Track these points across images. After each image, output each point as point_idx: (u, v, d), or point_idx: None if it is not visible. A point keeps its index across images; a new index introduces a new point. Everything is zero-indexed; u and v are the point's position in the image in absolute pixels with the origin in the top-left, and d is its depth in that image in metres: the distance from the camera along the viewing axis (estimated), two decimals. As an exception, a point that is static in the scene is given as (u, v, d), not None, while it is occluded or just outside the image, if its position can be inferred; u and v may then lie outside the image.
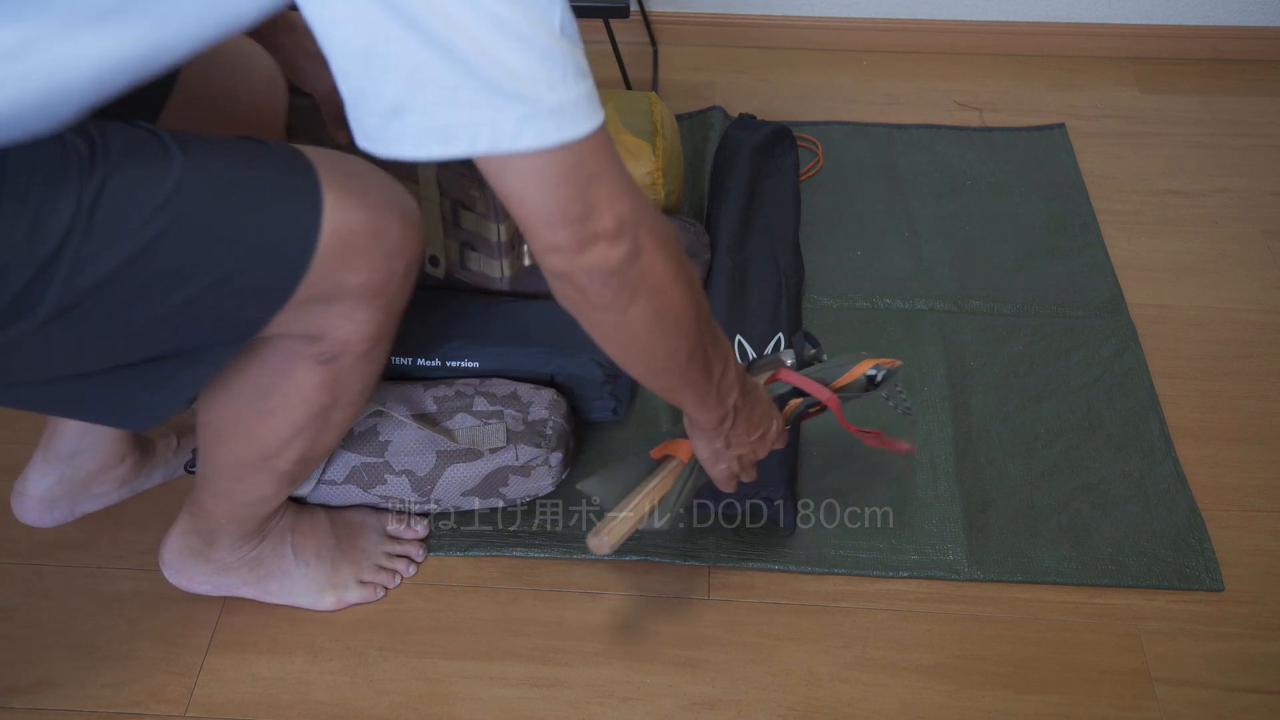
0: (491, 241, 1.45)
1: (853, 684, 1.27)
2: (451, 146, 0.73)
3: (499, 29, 0.70)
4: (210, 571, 1.27)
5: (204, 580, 1.28)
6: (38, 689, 1.25)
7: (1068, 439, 1.51)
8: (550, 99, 0.72)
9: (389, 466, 1.33)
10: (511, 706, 1.24)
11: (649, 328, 0.88)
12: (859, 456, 1.49)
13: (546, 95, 0.72)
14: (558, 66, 0.72)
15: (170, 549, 1.27)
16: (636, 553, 1.37)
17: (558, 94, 0.72)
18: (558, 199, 0.76)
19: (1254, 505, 1.45)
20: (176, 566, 1.28)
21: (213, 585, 1.29)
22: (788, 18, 2.27)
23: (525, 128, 0.72)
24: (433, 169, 1.42)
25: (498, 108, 0.71)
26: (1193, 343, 1.66)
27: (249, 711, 1.24)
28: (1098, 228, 1.84)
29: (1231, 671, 1.28)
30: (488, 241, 1.45)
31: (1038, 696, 1.25)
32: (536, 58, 0.71)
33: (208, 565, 1.27)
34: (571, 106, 0.73)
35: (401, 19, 0.70)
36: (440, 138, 0.73)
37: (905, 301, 1.70)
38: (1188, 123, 2.09)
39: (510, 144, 0.73)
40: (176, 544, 1.27)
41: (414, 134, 0.73)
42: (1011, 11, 2.25)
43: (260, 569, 1.28)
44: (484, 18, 0.70)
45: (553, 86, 0.72)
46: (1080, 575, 1.36)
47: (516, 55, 0.71)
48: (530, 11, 0.71)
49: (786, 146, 1.92)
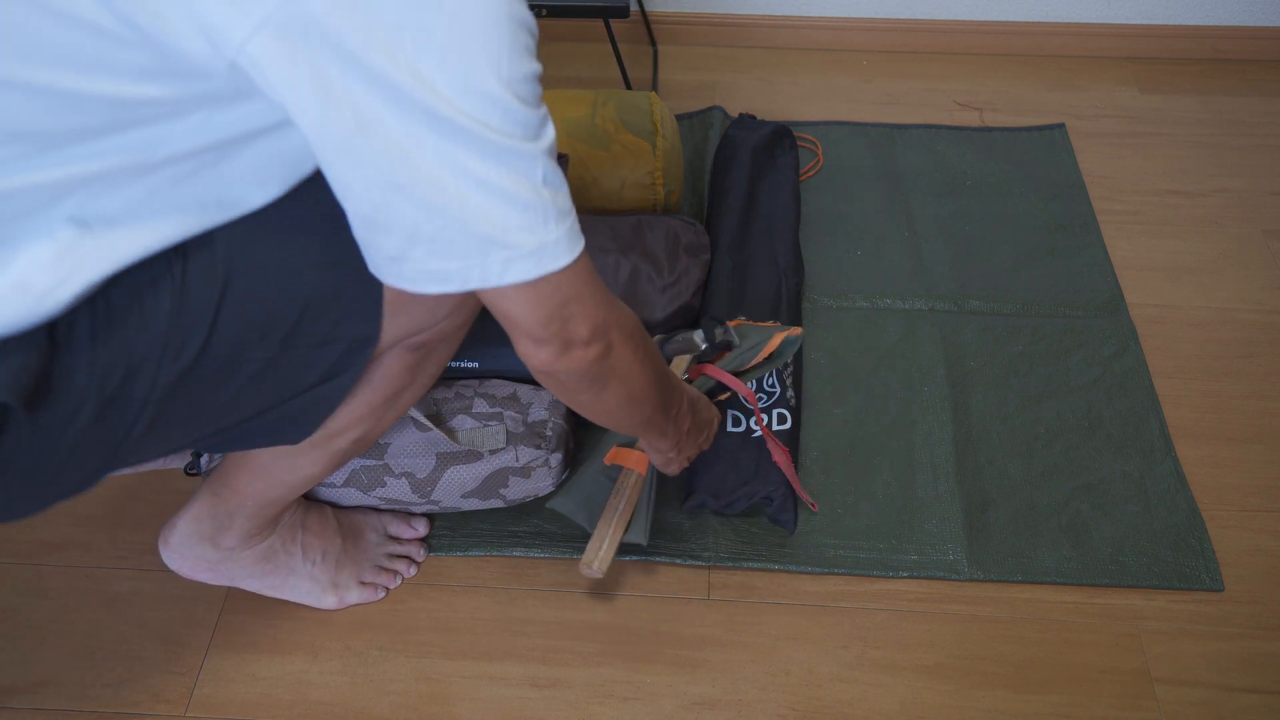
0: None
1: (853, 684, 1.27)
2: (447, 285, 0.85)
3: (485, 191, 0.81)
4: (217, 560, 1.26)
5: (207, 569, 1.26)
6: (38, 689, 1.25)
7: (1068, 439, 1.51)
8: (530, 243, 0.84)
9: (389, 469, 1.33)
10: (511, 706, 1.24)
11: (619, 404, 1.05)
12: (859, 456, 1.49)
13: (527, 240, 0.84)
14: (538, 215, 0.83)
15: (178, 532, 1.24)
16: (636, 553, 1.37)
17: (538, 237, 0.84)
18: (539, 318, 0.90)
19: (1254, 505, 1.45)
20: (181, 551, 1.25)
21: (215, 574, 1.27)
22: (788, 18, 2.27)
23: (510, 268, 0.84)
24: None
25: (485, 254, 0.83)
26: (1193, 343, 1.66)
27: (249, 711, 1.24)
28: (1098, 228, 1.84)
29: (1231, 671, 1.28)
30: None
31: (1038, 696, 1.25)
32: (519, 211, 0.82)
33: (216, 552, 1.25)
34: (551, 246, 0.85)
35: (399, 190, 0.80)
36: (437, 280, 0.85)
37: (905, 301, 1.70)
38: (1188, 123, 2.09)
39: (497, 281, 0.85)
40: (186, 527, 1.24)
41: (413, 275, 0.86)
42: (1011, 11, 2.25)
43: (269, 563, 1.28)
44: (471, 183, 0.80)
45: (533, 232, 0.84)
46: (1080, 575, 1.36)
47: (501, 211, 0.82)
48: (514, 173, 0.81)
49: (786, 146, 1.92)
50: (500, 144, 0.80)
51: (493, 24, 0.77)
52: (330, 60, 0.74)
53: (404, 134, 0.77)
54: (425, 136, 0.78)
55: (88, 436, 0.90)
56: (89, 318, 0.88)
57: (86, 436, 0.90)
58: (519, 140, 0.81)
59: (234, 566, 1.27)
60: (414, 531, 1.37)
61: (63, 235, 0.83)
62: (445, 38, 0.76)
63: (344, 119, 0.77)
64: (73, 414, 0.88)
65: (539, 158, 0.83)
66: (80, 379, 0.88)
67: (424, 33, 0.75)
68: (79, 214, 0.83)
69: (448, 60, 0.76)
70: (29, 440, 0.87)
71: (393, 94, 0.76)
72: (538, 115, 0.83)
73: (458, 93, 0.77)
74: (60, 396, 0.87)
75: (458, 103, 0.77)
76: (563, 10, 1.87)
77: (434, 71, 0.76)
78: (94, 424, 0.90)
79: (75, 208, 0.83)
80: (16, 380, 0.84)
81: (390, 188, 0.80)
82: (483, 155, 0.80)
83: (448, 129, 0.78)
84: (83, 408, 0.89)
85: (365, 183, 0.81)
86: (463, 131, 0.78)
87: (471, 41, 0.77)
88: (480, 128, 0.78)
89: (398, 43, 0.74)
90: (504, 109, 0.79)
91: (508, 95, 0.79)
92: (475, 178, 0.80)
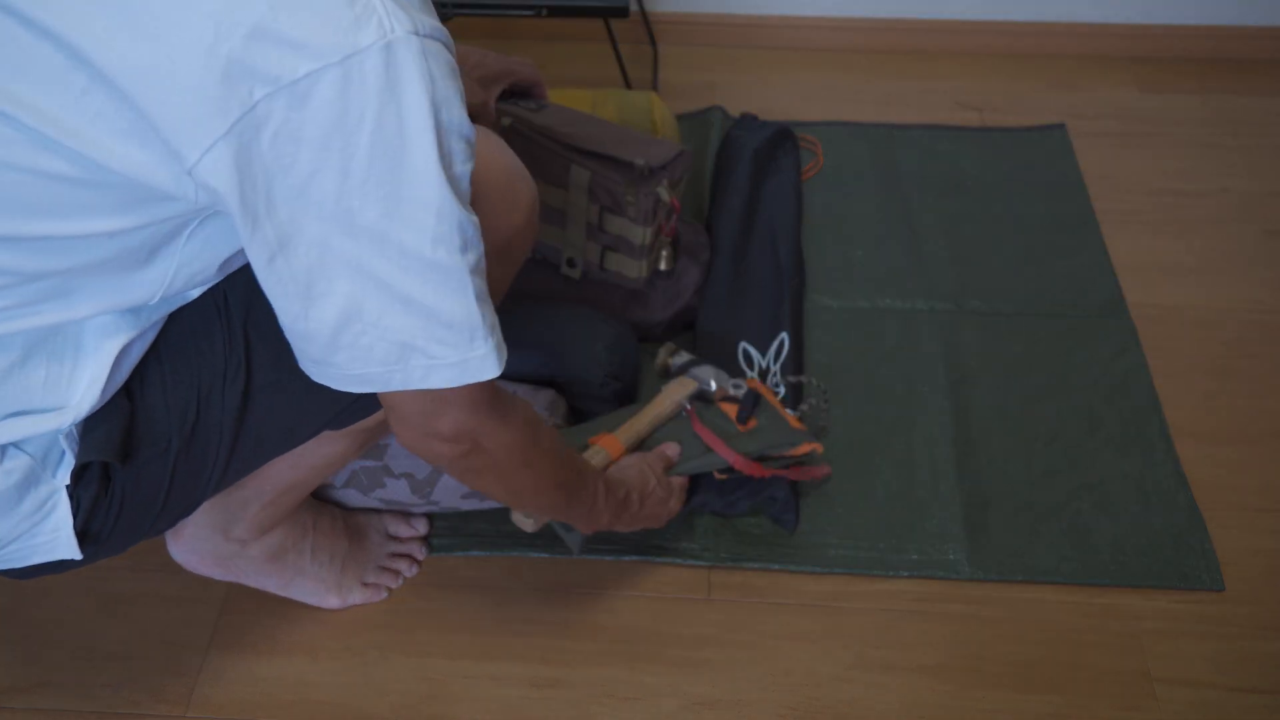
0: (635, 244, 1.54)
1: (853, 684, 1.26)
2: (369, 387, 0.86)
3: (407, 306, 0.82)
4: (227, 555, 1.25)
5: (215, 564, 1.26)
6: (38, 689, 1.25)
7: (1068, 439, 1.51)
8: (453, 356, 0.85)
9: (388, 470, 1.33)
10: (511, 706, 1.24)
11: (495, 491, 1.07)
12: (860, 456, 1.49)
13: (450, 354, 0.85)
14: (464, 332, 0.84)
15: (192, 522, 1.23)
16: (637, 553, 1.37)
17: (461, 353, 0.85)
18: (414, 408, 0.91)
19: (1254, 505, 1.45)
20: (192, 544, 1.24)
21: (223, 569, 1.27)
22: (788, 18, 2.26)
23: (432, 375, 0.85)
24: (586, 177, 1.51)
25: (406, 360, 0.84)
26: (1193, 343, 1.66)
27: (249, 711, 1.24)
28: (1098, 228, 1.84)
29: (1232, 671, 1.28)
30: (631, 244, 1.54)
31: (1038, 696, 1.25)
32: (443, 327, 0.84)
33: (227, 545, 1.24)
34: (477, 362, 0.86)
35: (316, 301, 0.82)
36: (358, 382, 0.86)
37: (905, 301, 1.70)
38: (1188, 123, 2.09)
39: (420, 384, 0.86)
40: (200, 518, 1.23)
41: (337, 378, 0.87)
42: (1011, 11, 2.24)
43: (278, 562, 1.28)
44: (392, 296, 0.81)
45: (457, 347, 0.85)
46: (1081, 575, 1.36)
47: (423, 324, 0.83)
48: (440, 288, 0.82)
49: (789, 148, 1.92)
50: (430, 259, 0.80)
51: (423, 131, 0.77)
52: (258, 175, 0.76)
53: (321, 243, 0.78)
54: (343, 245, 0.79)
55: (181, 468, 0.99)
56: (156, 365, 0.96)
57: (180, 469, 0.99)
58: (451, 253, 0.81)
59: (243, 563, 1.26)
60: (413, 531, 1.37)
61: (116, 329, 0.90)
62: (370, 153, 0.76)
63: (265, 231, 0.79)
64: (163, 452, 0.97)
65: (470, 274, 0.83)
66: (161, 422, 0.96)
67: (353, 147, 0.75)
68: (124, 309, 0.90)
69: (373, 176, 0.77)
70: (132, 485, 0.96)
71: (316, 206, 0.77)
72: (472, 222, 0.83)
73: (385, 201, 0.77)
74: (149, 441, 0.96)
75: (385, 210, 0.78)
76: (563, 10, 1.87)
77: (362, 187, 0.76)
78: (184, 456, 0.98)
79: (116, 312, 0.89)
80: (109, 441, 0.92)
81: (308, 299, 0.81)
82: (407, 269, 0.80)
83: (366, 238, 0.78)
84: (171, 444, 0.97)
85: (285, 297, 0.82)
86: (385, 241, 0.79)
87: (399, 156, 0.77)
88: (410, 238, 0.79)
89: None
90: (438, 213, 0.79)
91: (445, 195, 0.79)
92: (397, 292, 0.81)
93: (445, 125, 0.78)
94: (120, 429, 0.93)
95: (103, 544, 0.98)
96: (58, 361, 0.88)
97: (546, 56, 2.21)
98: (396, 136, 0.76)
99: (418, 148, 0.77)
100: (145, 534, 1.02)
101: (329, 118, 0.74)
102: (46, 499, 0.92)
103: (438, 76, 0.76)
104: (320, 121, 0.74)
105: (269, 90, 0.72)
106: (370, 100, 0.74)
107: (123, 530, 0.98)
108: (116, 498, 0.96)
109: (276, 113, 0.73)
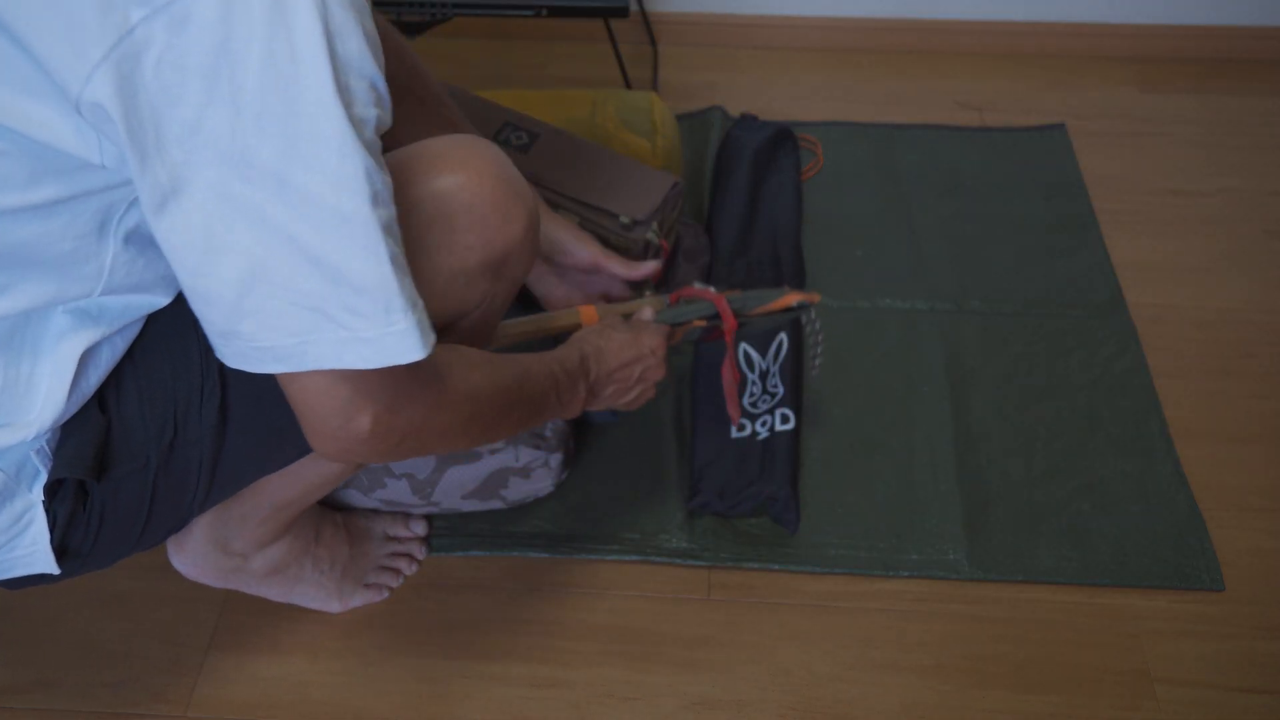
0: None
1: (853, 684, 1.26)
2: (284, 365, 0.80)
3: (314, 262, 0.76)
4: (228, 569, 1.25)
5: (216, 575, 1.26)
6: (38, 689, 1.25)
7: (1068, 439, 1.51)
8: (371, 329, 0.78)
9: (389, 470, 1.33)
10: (511, 706, 1.24)
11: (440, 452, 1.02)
12: (860, 456, 1.49)
13: (365, 326, 0.78)
14: (379, 299, 0.78)
15: (194, 538, 1.23)
16: (637, 553, 1.37)
17: (378, 327, 0.79)
18: (332, 406, 0.84)
19: (1254, 505, 1.45)
20: (191, 557, 1.24)
21: (224, 580, 1.27)
22: (788, 18, 2.26)
23: (347, 350, 0.79)
24: (575, 219, 1.46)
25: (319, 330, 0.78)
26: (1193, 343, 1.66)
27: (249, 711, 1.24)
28: (1098, 228, 1.84)
29: (1232, 671, 1.28)
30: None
31: (1038, 696, 1.25)
32: (353, 292, 0.77)
33: (227, 560, 1.24)
34: (397, 337, 0.79)
35: (217, 255, 0.76)
36: (273, 358, 0.80)
37: (905, 301, 1.70)
38: (1188, 123, 2.09)
39: (334, 362, 0.80)
40: (199, 534, 1.22)
41: (246, 353, 0.81)
42: (1011, 11, 2.24)
43: (279, 574, 1.27)
44: (297, 251, 0.76)
45: (372, 318, 0.78)
46: (1081, 575, 1.36)
47: (334, 287, 0.77)
48: (349, 245, 0.76)
49: (789, 148, 1.92)
50: (333, 206, 0.74)
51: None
52: (145, 107, 0.72)
53: (218, 188, 0.73)
54: (241, 190, 0.74)
55: (162, 484, 0.96)
56: (133, 377, 0.93)
57: (161, 485, 0.96)
58: (357, 202, 0.75)
59: (244, 576, 1.27)
60: (413, 531, 1.37)
61: (74, 329, 0.87)
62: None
63: (156, 173, 0.74)
64: (142, 469, 0.94)
65: (381, 231, 0.77)
66: (138, 437, 0.93)
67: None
68: (79, 308, 0.87)
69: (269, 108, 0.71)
70: (111, 501, 0.94)
71: (210, 146, 0.72)
72: (383, 179, 0.77)
73: (282, 139, 0.72)
74: (126, 457, 0.93)
75: (282, 148, 0.73)
76: (563, 10, 1.87)
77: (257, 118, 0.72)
78: (164, 473, 0.95)
79: (73, 304, 0.86)
80: (81, 456, 0.89)
81: (207, 252, 0.76)
82: (308, 218, 0.75)
83: (264, 181, 0.73)
84: (150, 461, 0.94)
85: (181, 249, 0.76)
86: (285, 185, 0.73)
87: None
88: (312, 181, 0.74)
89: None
90: (339, 152, 0.73)
91: (346, 133, 0.73)
92: (302, 246, 0.75)
93: (342, 58, 0.73)
94: (93, 444, 0.90)
95: (85, 559, 0.96)
96: (14, 364, 0.85)
97: (546, 56, 2.21)
98: (289, 64, 0.71)
99: (312, 77, 0.72)
100: (133, 548, 1.00)
101: (212, 43, 0.70)
102: (22, 513, 0.90)
103: (332, 3, 0.72)
104: (203, 48, 0.70)
105: (146, 13, 0.69)
106: (256, 24, 0.70)
107: (105, 545, 0.96)
108: (95, 513, 0.93)
109: (157, 37, 0.69)
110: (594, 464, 1.46)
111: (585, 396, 1.14)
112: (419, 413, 0.89)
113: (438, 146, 0.99)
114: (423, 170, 0.95)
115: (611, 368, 1.16)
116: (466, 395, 0.94)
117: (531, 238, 1.04)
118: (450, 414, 0.92)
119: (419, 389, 0.88)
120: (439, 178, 0.95)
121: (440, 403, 0.91)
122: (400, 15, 1.84)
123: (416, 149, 0.98)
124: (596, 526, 1.40)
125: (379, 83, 0.76)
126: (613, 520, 1.41)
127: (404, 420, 0.88)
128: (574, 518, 1.41)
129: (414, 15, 1.84)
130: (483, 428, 0.98)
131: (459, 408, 0.93)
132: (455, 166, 0.96)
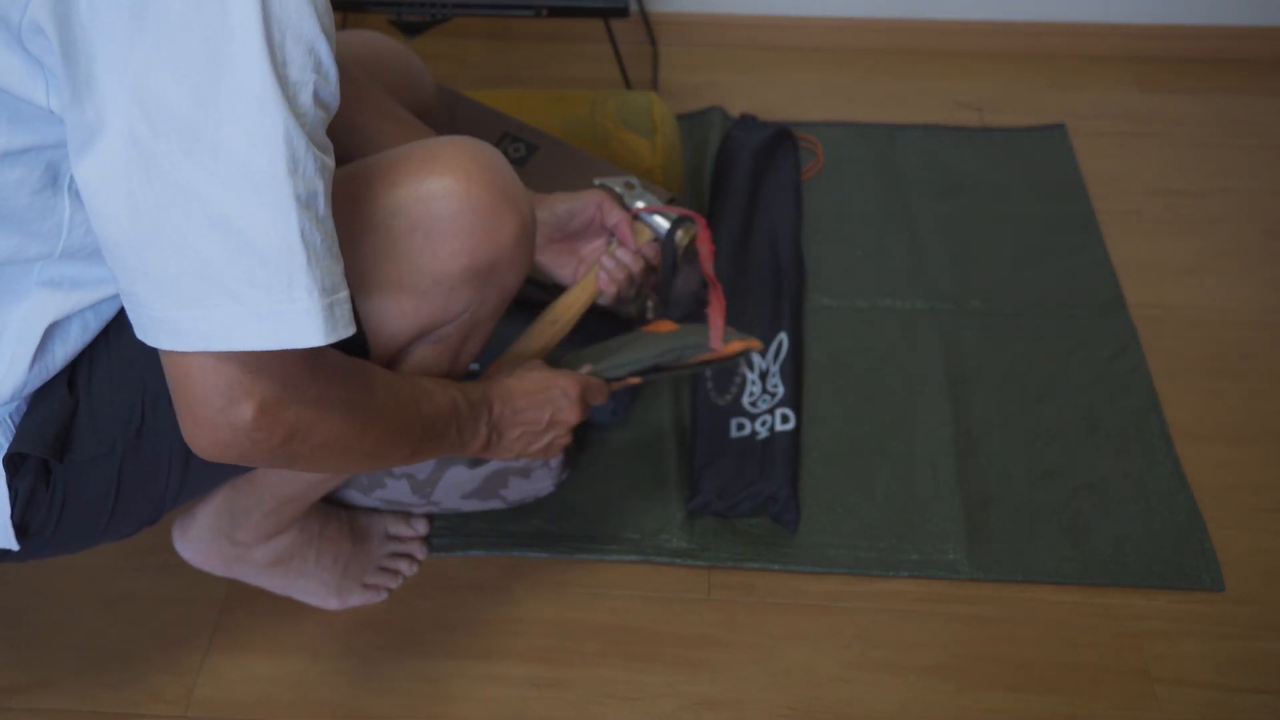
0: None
1: (853, 684, 1.26)
2: (178, 343, 0.76)
3: (217, 226, 0.72)
4: (231, 557, 1.25)
5: (219, 563, 1.26)
6: (38, 689, 1.25)
7: (1068, 439, 1.51)
8: (268, 304, 0.74)
9: (389, 470, 1.33)
10: (511, 706, 1.24)
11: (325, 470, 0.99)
12: (860, 456, 1.49)
13: (264, 300, 0.74)
14: (282, 274, 0.74)
15: (197, 524, 1.23)
16: (637, 553, 1.37)
17: (278, 302, 0.75)
18: (214, 383, 0.79)
19: (1255, 505, 1.45)
20: (196, 544, 1.24)
21: (226, 568, 1.27)
22: (788, 18, 2.26)
23: (239, 328, 0.75)
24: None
25: (214, 304, 0.74)
26: (1193, 343, 1.66)
27: (249, 711, 1.24)
28: (1098, 228, 1.84)
29: (1232, 672, 1.28)
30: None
31: (1038, 696, 1.25)
32: (258, 263, 0.73)
33: (231, 548, 1.24)
34: (297, 317, 0.75)
35: (131, 208, 0.72)
36: (168, 332, 0.76)
37: (905, 301, 1.70)
38: (1188, 123, 2.09)
39: (223, 344, 0.75)
40: (205, 521, 1.23)
41: (144, 323, 0.77)
42: (1011, 11, 2.24)
43: (282, 565, 1.27)
44: (200, 212, 0.72)
45: (272, 291, 0.74)
46: (1080, 575, 1.36)
47: (237, 257, 0.73)
48: (259, 208, 0.72)
49: (789, 148, 1.92)
50: (244, 162, 0.71)
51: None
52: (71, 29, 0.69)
53: (130, 133, 0.70)
54: (152, 139, 0.70)
55: (130, 472, 0.94)
56: (105, 361, 0.91)
57: (129, 472, 0.94)
58: (271, 160, 0.71)
59: (246, 565, 1.27)
60: (413, 531, 1.37)
61: (40, 298, 0.85)
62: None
63: (85, 112, 0.71)
64: (108, 453, 0.92)
65: (294, 200, 0.73)
66: (105, 421, 0.91)
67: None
68: (46, 278, 0.85)
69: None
70: (76, 483, 0.91)
71: (131, 88, 0.69)
72: (313, 154, 0.73)
73: (201, 86, 0.69)
74: (92, 441, 0.91)
75: (198, 96, 0.70)
76: (563, 10, 1.87)
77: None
78: (132, 460, 0.93)
79: (39, 273, 0.84)
80: (41, 434, 0.87)
81: (125, 201, 0.72)
82: (216, 173, 0.71)
83: (176, 129, 0.70)
84: (116, 446, 0.92)
85: (100, 195, 0.73)
86: (199, 135, 0.70)
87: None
88: (226, 133, 0.70)
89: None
90: (260, 104, 0.70)
91: (270, 88, 0.70)
92: (206, 203, 0.72)
93: (277, 15, 0.70)
94: (56, 422, 0.88)
95: (49, 540, 0.94)
96: None
97: (546, 56, 2.21)
98: (216, 7, 0.69)
99: (239, 25, 0.69)
100: (103, 535, 0.98)
101: None
102: None
103: None
104: None
105: None
106: None
107: (70, 529, 0.94)
108: (59, 494, 0.91)
109: None
110: (594, 464, 1.46)
111: (488, 436, 1.07)
112: (308, 413, 0.84)
113: (431, 148, 0.97)
114: (412, 172, 0.94)
115: (519, 407, 1.09)
116: (362, 404, 0.89)
117: (523, 246, 1.00)
118: (341, 421, 0.87)
119: (311, 384, 0.84)
120: (426, 180, 0.94)
121: (333, 405, 0.86)
122: (400, 15, 1.84)
123: (408, 149, 0.97)
124: (596, 526, 1.40)
125: (323, 52, 0.73)
126: (613, 520, 1.41)
127: (292, 416, 0.82)
128: (574, 518, 1.41)
129: (414, 15, 1.84)
130: (374, 442, 0.92)
131: (353, 416, 0.88)
132: (444, 170, 0.95)
